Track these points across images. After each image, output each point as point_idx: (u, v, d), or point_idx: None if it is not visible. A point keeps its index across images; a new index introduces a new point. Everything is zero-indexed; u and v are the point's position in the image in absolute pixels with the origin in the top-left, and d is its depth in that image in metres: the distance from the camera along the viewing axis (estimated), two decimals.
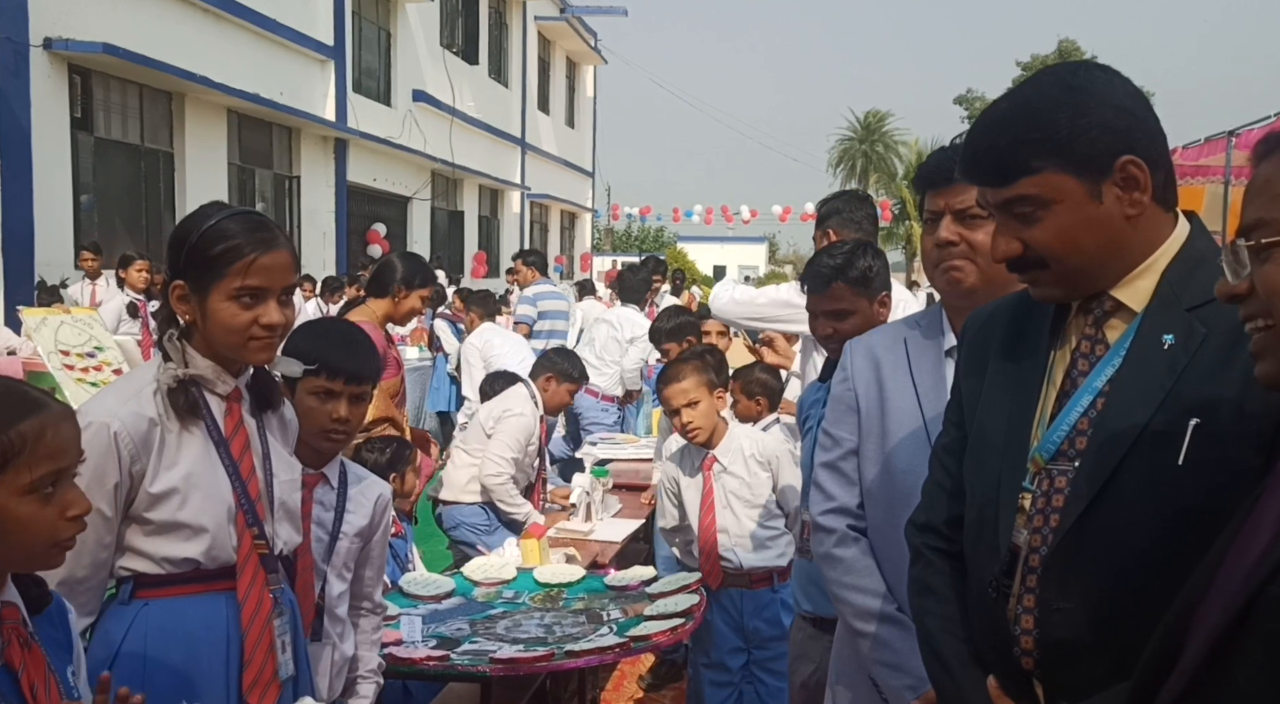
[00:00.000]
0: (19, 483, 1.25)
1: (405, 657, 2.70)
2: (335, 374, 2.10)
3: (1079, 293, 1.35)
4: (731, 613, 3.33)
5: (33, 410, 1.28)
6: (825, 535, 1.89)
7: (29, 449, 1.25)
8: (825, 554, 1.89)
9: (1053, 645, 1.30)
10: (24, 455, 1.25)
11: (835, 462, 1.91)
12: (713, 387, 3.38)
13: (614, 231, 37.33)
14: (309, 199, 14.35)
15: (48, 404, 1.31)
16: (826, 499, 1.91)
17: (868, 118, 45.36)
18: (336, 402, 2.13)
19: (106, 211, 10.46)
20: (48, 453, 1.27)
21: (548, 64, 24.89)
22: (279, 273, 1.73)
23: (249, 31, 12.33)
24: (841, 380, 1.94)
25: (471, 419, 5.12)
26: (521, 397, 4.65)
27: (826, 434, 1.94)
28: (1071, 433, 1.32)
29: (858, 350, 1.94)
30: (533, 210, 24.45)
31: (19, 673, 1.28)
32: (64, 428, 1.31)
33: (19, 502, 1.25)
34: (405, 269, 3.96)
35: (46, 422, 1.28)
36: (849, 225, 3.24)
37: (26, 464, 1.25)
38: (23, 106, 8.87)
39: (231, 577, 1.74)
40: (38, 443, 1.26)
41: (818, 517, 1.91)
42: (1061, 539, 1.29)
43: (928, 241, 1.82)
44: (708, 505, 3.35)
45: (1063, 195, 1.29)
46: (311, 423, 2.08)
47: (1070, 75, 1.32)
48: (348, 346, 2.18)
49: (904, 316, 2.04)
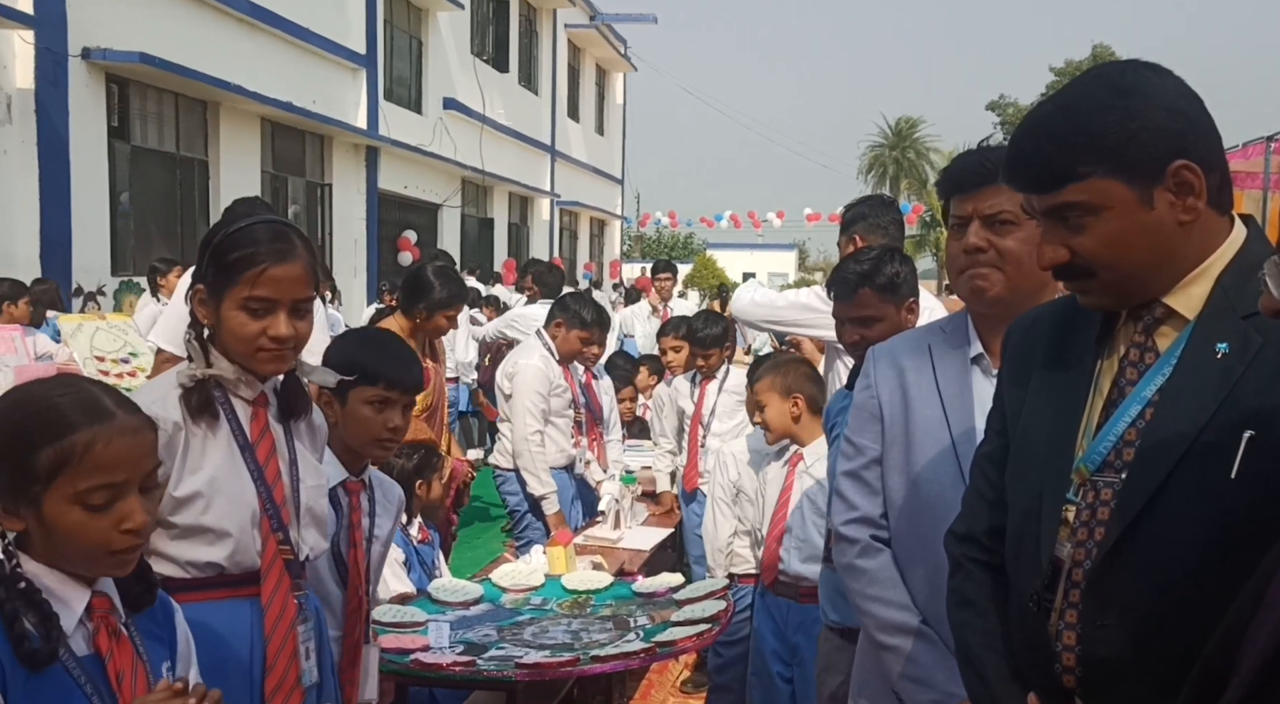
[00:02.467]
0: (67, 492, 1.28)
1: (432, 662, 2.69)
2: (394, 384, 2.12)
3: (1129, 301, 1.31)
4: (778, 622, 3.30)
5: (94, 420, 1.30)
6: (848, 546, 1.86)
7: (78, 461, 1.28)
8: (848, 565, 1.86)
9: (1095, 663, 1.26)
10: (72, 467, 1.28)
11: (858, 470, 1.88)
12: (787, 391, 3.36)
13: (643, 238, 37.34)
14: (340, 206, 14.45)
15: (114, 415, 1.33)
16: (849, 509, 1.87)
17: (899, 124, 45.10)
18: (392, 410, 2.14)
19: (142, 219, 10.57)
20: (97, 465, 1.29)
21: (577, 71, 24.96)
22: (290, 285, 1.71)
23: (282, 40, 12.45)
24: (864, 387, 1.90)
25: None
26: (530, 347, 4.61)
27: (849, 442, 1.90)
28: (1118, 443, 1.27)
29: (881, 357, 1.90)
30: (562, 217, 24.50)
31: (106, 661, 1.33)
32: (120, 441, 1.32)
33: (68, 510, 1.29)
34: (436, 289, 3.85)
35: (99, 435, 1.30)
36: (875, 230, 3.20)
37: (74, 476, 1.28)
38: (61, 115, 8.99)
39: (256, 582, 1.73)
40: (86, 455, 1.29)
41: (840, 526, 1.88)
42: (1106, 553, 1.25)
43: (954, 246, 1.78)
44: (784, 500, 3.33)
45: (1112, 202, 1.24)
46: (366, 431, 2.10)
47: (1119, 76, 1.27)
48: (402, 358, 2.21)
49: (933, 322, 1.99)
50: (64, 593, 1.31)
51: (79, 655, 1.31)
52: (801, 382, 3.35)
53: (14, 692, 1.23)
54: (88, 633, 1.33)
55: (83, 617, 1.33)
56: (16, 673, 1.23)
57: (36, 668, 1.24)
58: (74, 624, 1.31)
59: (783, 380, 3.39)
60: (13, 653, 1.23)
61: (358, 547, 2.13)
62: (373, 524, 2.18)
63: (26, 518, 1.29)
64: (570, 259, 24.36)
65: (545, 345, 4.55)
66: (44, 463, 1.28)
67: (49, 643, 1.26)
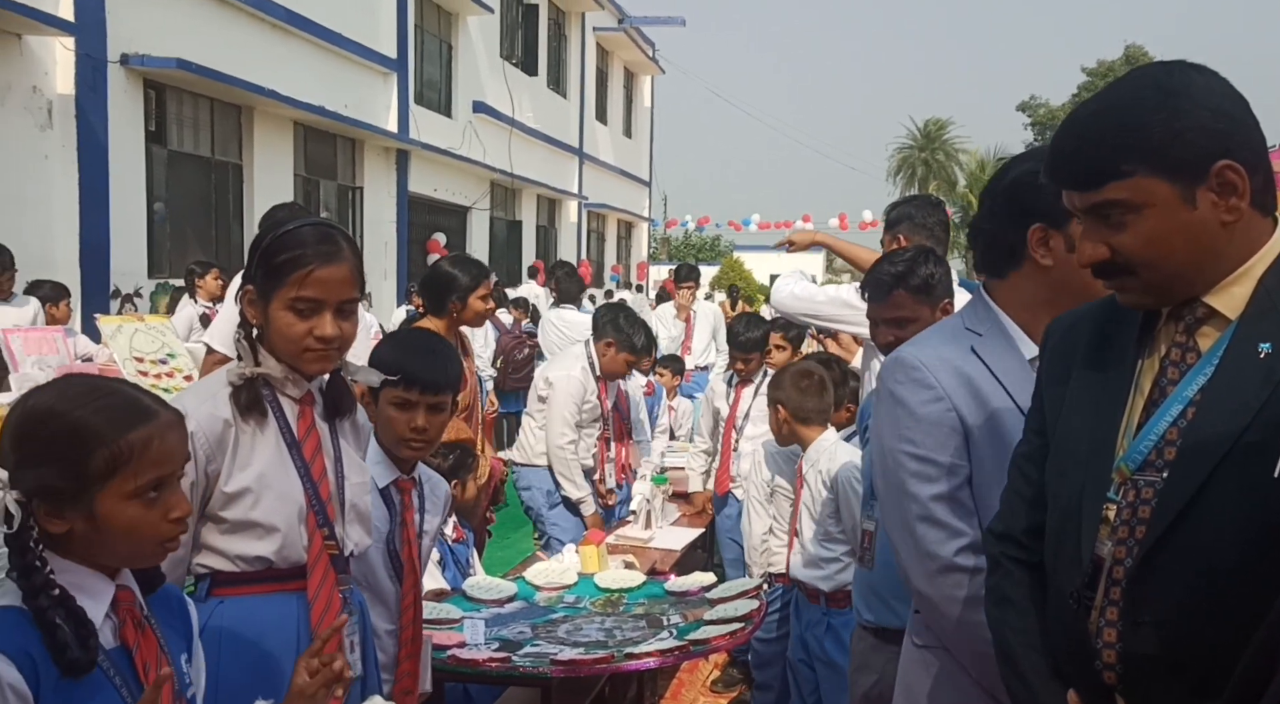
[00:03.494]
0: (125, 489, 1.32)
1: (467, 658, 2.72)
2: (411, 384, 2.13)
3: (1169, 300, 1.31)
4: (802, 617, 3.37)
5: (143, 420, 1.34)
6: (965, 576, 1.66)
7: (136, 458, 1.32)
8: (971, 597, 1.65)
9: (1136, 660, 1.26)
10: (132, 464, 1.31)
11: (952, 492, 1.69)
12: (773, 401, 3.44)
13: (670, 240, 37.35)
14: (371, 209, 14.58)
15: (158, 413, 1.37)
16: (955, 536, 1.68)
17: (928, 125, 44.84)
18: (414, 411, 2.16)
19: (178, 222, 10.72)
20: (153, 461, 1.33)
21: (606, 74, 25.02)
22: (336, 287, 1.74)
23: (315, 46, 12.58)
24: (934, 400, 1.71)
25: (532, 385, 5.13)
26: (574, 356, 4.63)
27: (929, 462, 1.71)
28: (1160, 443, 1.28)
29: (938, 367, 1.73)
30: (590, 220, 24.57)
31: (133, 652, 1.36)
32: (170, 436, 1.37)
33: (125, 505, 1.32)
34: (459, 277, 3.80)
35: (154, 431, 1.34)
36: (920, 231, 3.18)
37: (134, 472, 1.32)
38: (100, 120, 9.14)
39: (302, 576, 1.76)
40: (144, 451, 1.32)
41: (953, 557, 1.67)
42: (1147, 552, 1.25)
43: None
44: (798, 501, 3.41)
45: (1154, 200, 1.25)
46: (391, 432, 2.12)
47: (1165, 76, 1.28)
48: (427, 356, 2.21)
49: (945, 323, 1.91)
50: (92, 587, 1.34)
51: (107, 648, 1.34)
52: (786, 391, 3.39)
53: (46, 687, 1.25)
54: (114, 625, 1.36)
55: (109, 610, 1.36)
56: (49, 670, 1.25)
57: (78, 676, 1.27)
58: (101, 617, 1.34)
59: (771, 390, 3.47)
60: (53, 661, 1.26)
61: (411, 543, 2.17)
62: (422, 520, 2.21)
63: (73, 519, 1.31)
64: (598, 261, 24.42)
65: (590, 358, 4.59)
66: (99, 464, 1.30)
67: (88, 651, 1.28)
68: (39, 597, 1.27)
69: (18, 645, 1.25)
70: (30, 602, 1.27)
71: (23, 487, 1.29)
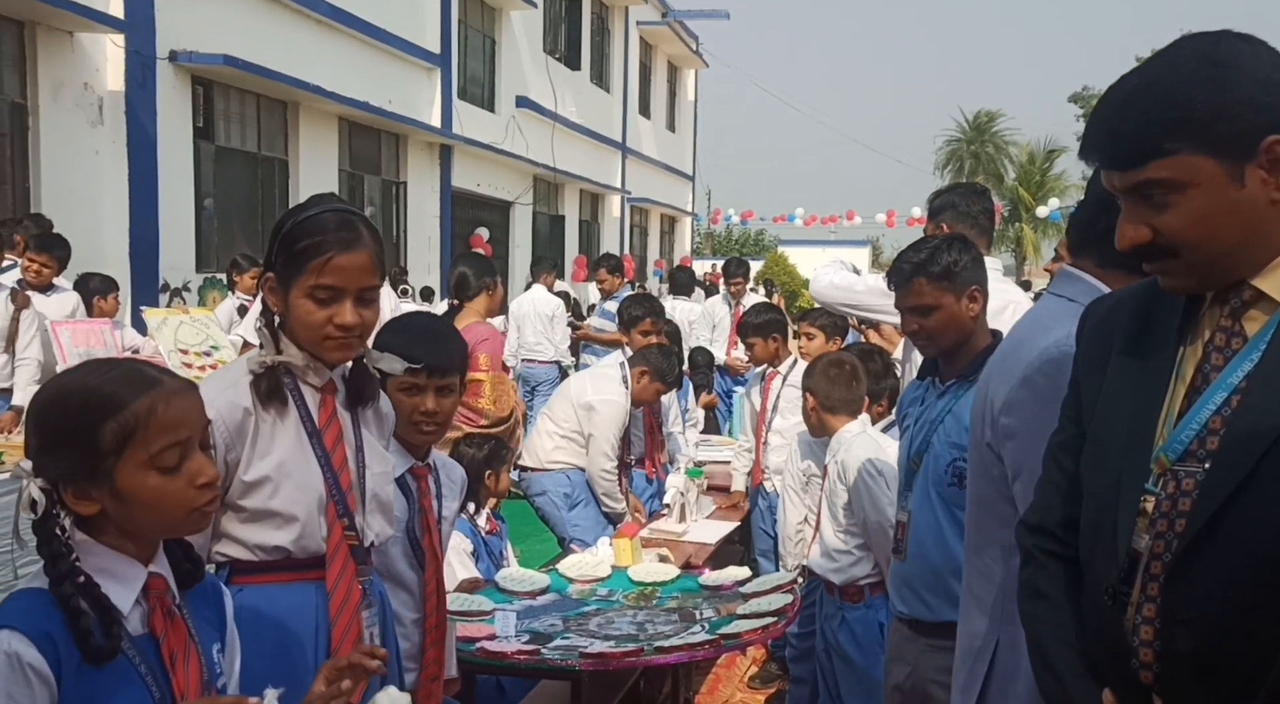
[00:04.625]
0: (140, 457, 1.31)
1: (497, 650, 2.71)
2: (418, 368, 2.09)
3: (1214, 283, 1.25)
4: (822, 609, 3.34)
5: (145, 389, 1.34)
6: None
7: (143, 426, 1.31)
8: None
9: (1175, 658, 1.20)
10: (140, 432, 1.31)
11: None
12: (805, 389, 3.42)
13: (714, 235, 37.21)
14: (415, 204, 14.69)
15: (160, 381, 1.36)
16: None
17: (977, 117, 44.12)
18: (423, 395, 2.13)
19: (224, 217, 10.88)
20: (162, 427, 1.33)
21: (649, 68, 24.98)
22: (355, 274, 1.72)
23: (359, 41, 12.69)
24: None
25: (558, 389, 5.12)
26: (615, 380, 4.62)
27: None
28: (1202, 431, 1.21)
29: None
30: (633, 214, 24.55)
31: (161, 640, 1.35)
32: (177, 401, 1.36)
33: (145, 475, 1.32)
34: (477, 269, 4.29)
35: (158, 398, 1.34)
36: (964, 219, 3.10)
37: (144, 439, 1.31)
38: (149, 116, 9.30)
39: (322, 566, 1.75)
40: (150, 418, 1.32)
41: None
42: (1187, 545, 1.19)
43: None
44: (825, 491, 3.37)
45: (1199, 179, 1.19)
46: (401, 416, 2.10)
47: (1211, 47, 1.21)
48: (429, 340, 2.15)
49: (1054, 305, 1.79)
50: (122, 573, 1.33)
51: (134, 635, 1.33)
52: (815, 379, 3.37)
53: (68, 672, 1.25)
54: (143, 613, 1.35)
55: (139, 596, 1.35)
56: (72, 653, 1.26)
57: (99, 663, 1.27)
58: (130, 604, 1.33)
59: (804, 378, 3.45)
60: (76, 647, 1.26)
61: (431, 530, 2.15)
62: (440, 506, 2.20)
63: (101, 497, 1.32)
64: (640, 256, 24.40)
65: (625, 382, 4.60)
66: (109, 436, 1.30)
67: (111, 639, 1.28)
68: (64, 584, 1.28)
69: (40, 628, 1.25)
70: (55, 589, 1.28)
71: (46, 474, 1.30)
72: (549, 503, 4.61)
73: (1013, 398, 1.72)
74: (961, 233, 2.94)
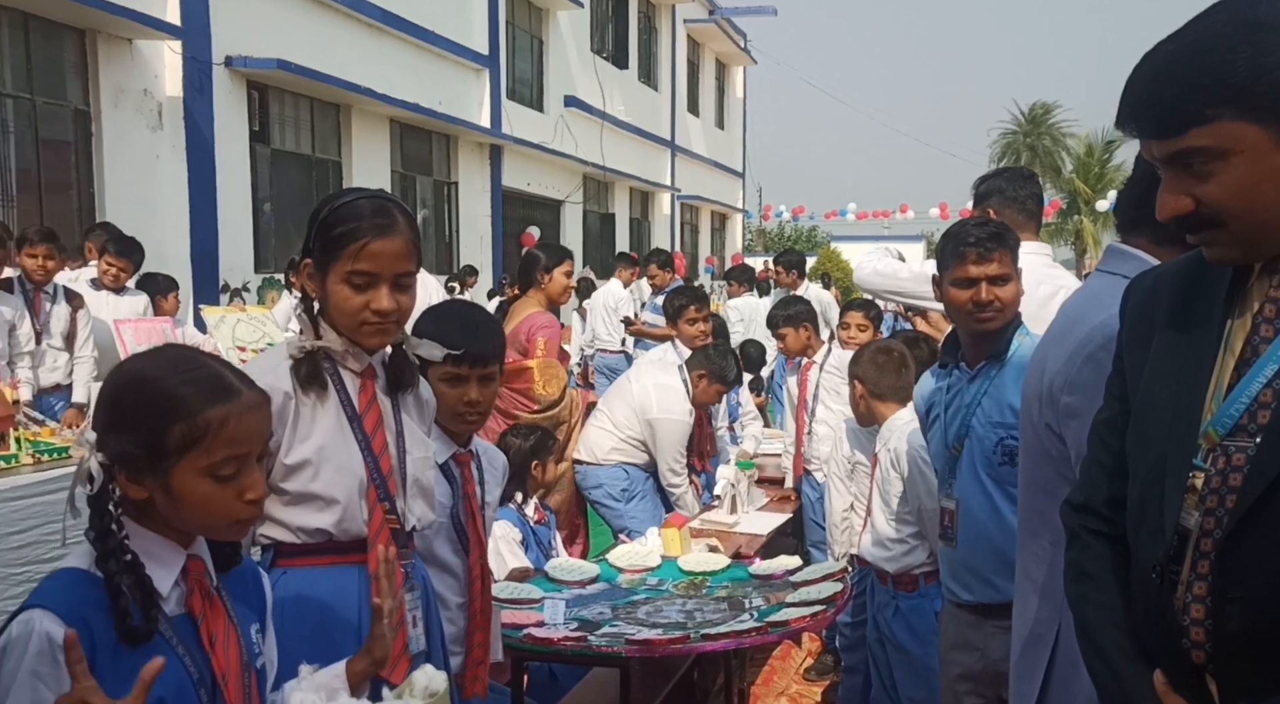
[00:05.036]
0: (199, 465, 1.32)
1: (544, 637, 2.72)
2: (460, 359, 2.10)
3: (1261, 253, 1.21)
4: (875, 598, 3.32)
5: (223, 398, 1.34)
6: None
7: (211, 435, 1.32)
8: None
9: (1228, 638, 1.17)
10: (205, 441, 1.32)
11: None
12: (851, 377, 3.41)
13: (766, 232, 37.01)
14: (466, 204, 14.84)
15: (240, 392, 1.37)
16: None
17: (1033, 109, 43.26)
18: (466, 386, 2.14)
19: (280, 218, 11.09)
20: (228, 440, 1.33)
21: (697, 66, 24.92)
22: (390, 260, 1.73)
23: (409, 44, 12.86)
24: None
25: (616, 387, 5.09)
26: (679, 397, 4.63)
27: None
28: (1252, 405, 1.18)
29: None
30: (683, 212, 24.53)
31: (199, 622, 1.37)
32: (249, 417, 1.36)
33: (199, 482, 1.32)
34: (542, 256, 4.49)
35: (233, 410, 1.34)
36: (1011, 204, 3.02)
37: (207, 449, 1.32)
38: (207, 121, 9.51)
39: (364, 549, 1.76)
40: (220, 429, 1.32)
41: None
42: (1239, 522, 1.16)
43: None
44: (873, 479, 3.36)
45: (1242, 145, 1.15)
46: (444, 407, 2.11)
47: (1249, 8, 1.16)
48: (468, 329, 2.16)
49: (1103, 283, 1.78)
50: (163, 556, 1.35)
51: (171, 616, 1.34)
52: (863, 367, 3.35)
53: (103, 653, 1.25)
54: (182, 594, 1.37)
55: (178, 578, 1.36)
56: (106, 634, 1.26)
57: (135, 644, 1.27)
58: (169, 586, 1.34)
59: (851, 366, 3.43)
60: (113, 628, 1.27)
61: (475, 516, 2.17)
62: (483, 492, 2.22)
63: (151, 488, 1.33)
64: (691, 253, 24.37)
65: (685, 386, 4.62)
66: (175, 438, 1.31)
67: (149, 621, 1.29)
68: (110, 561, 1.29)
69: (73, 609, 1.26)
70: (101, 565, 1.29)
71: (108, 450, 1.31)
72: (604, 497, 4.65)
73: (1075, 377, 1.69)
74: (1011, 218, 2.90)
